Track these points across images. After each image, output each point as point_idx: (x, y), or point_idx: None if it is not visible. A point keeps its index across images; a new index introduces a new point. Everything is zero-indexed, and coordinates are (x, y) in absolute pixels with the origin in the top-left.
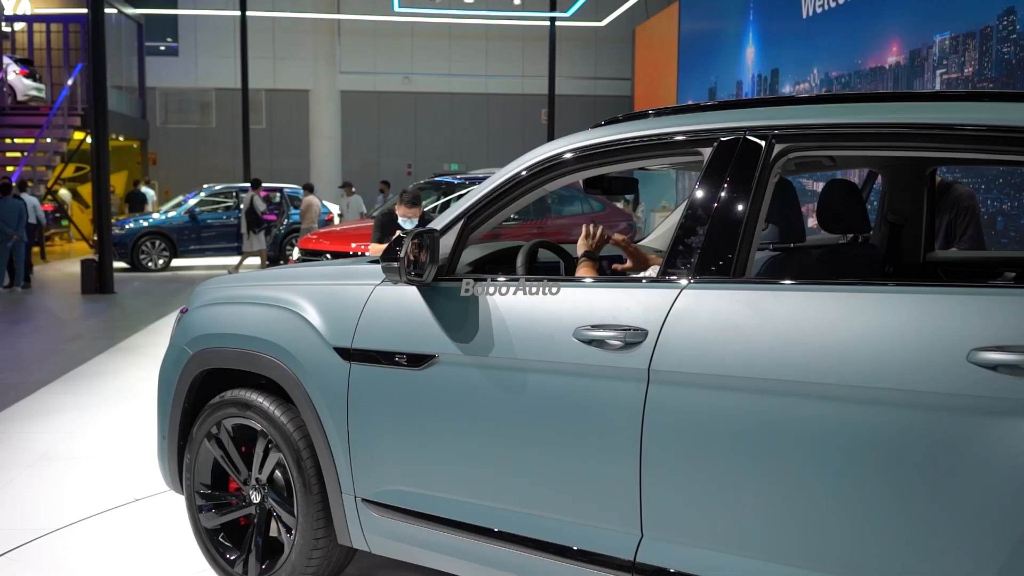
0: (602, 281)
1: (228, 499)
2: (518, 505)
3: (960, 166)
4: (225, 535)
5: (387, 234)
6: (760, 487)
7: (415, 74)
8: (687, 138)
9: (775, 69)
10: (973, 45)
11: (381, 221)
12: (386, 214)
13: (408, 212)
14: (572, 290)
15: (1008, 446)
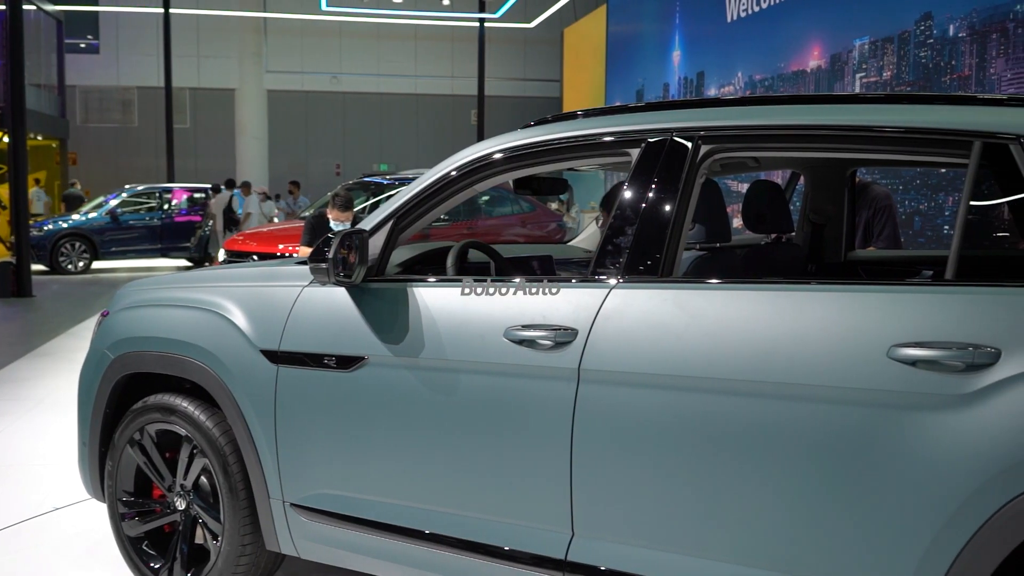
0: (533, 281)
1: (152, 506)
2: (449, 506)
3: (879, 167)
4: (149, 543)
5: (317, 237)
6: (689, 484)
7: (343, 74)
8: (615, 139)
9: (701, 72)
10: (891, 49)
11: (312, 224)
12: (317, 217)
13: (340, 216)
14: (503, 290)
15: (927, 439)
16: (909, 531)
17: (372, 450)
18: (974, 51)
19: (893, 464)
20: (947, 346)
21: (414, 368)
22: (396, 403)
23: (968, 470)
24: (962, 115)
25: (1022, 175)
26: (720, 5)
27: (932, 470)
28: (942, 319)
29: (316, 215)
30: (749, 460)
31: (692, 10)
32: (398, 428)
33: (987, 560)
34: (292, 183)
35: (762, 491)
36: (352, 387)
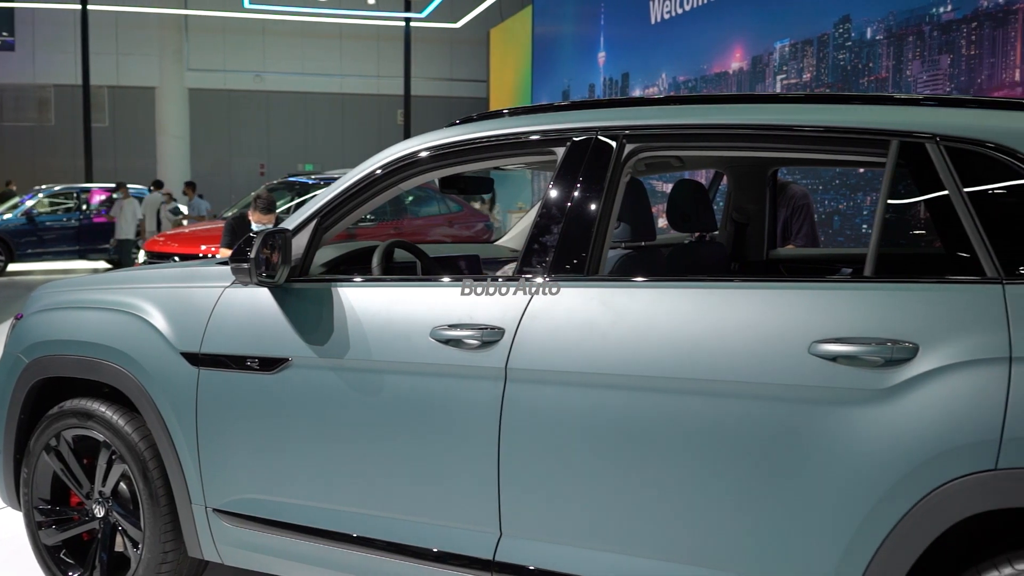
0: (459, 281)
1: (70, 514)
2: (376, 509)
3: (800, 167)
4: (68, 552)
5: (238, 238)
6: (616, 481)
7: (267, 72)
8: (541, 138)
9: (626, 73)
10: (811, 52)
11: (232, 225)
12: (237, 218)
13: (262, 218)
14: (429, 290)
15: (848, 434)
16: (831, 525)
17: (297, 453)
18: (891, 53)
19: (815, 459)
20: (866, 342)
21: (339, 369)
22: (321, 405)
23: (888, 464)
24: (880, 115)
25: (938, 174)
26: (644, 7)
27: (853, 464)
28: (861, 315)
29: (237, 216)
30: (674, 457)
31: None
32: (323, 430)
33: (907, 552)
34: (187, 184)
35: (687, 487)
36: (276, 389)
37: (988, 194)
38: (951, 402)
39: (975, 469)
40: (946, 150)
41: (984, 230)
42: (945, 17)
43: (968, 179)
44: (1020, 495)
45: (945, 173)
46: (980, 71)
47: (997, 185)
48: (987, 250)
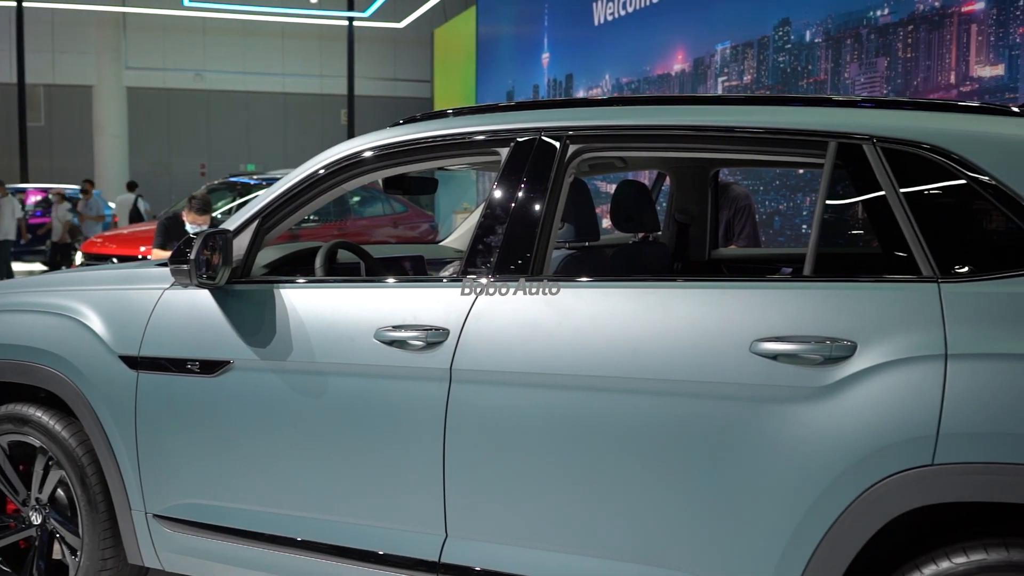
0: (403, 281)
1: (5, 521)
2: (321, 512)
3: (742, 167)
4: (4, 560)
5: (171, 239)
6: (562, 481)
7: (207, 71)
8: (485, 138)
9: (569, 74)
10: (751, 54)
11: (165, 225)
12: (171, 218)
13: (197, 219)
14: (373, 291)
15: (789, 431)
16: (773, 521)
17: (239, 457)
18: (829, 56)
19: (757, 457)
20: (806, 340)
21: (282, 372)
22: (263, 408)
23: (828, 460)
24: (818, 116)
25: (875, 174)
26: (587, 9)
27: (794, 461)
28: (801, 314)
29: (171, 216)
30: (619, 456)
31: (560, 13)
32: (266, 433)
33: (847, 548)
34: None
35: (632, 486)
36: (217, 392)
37: (923, 194)
38: (889, 399)
39: (913, 464)
40: (883, 151)
41: (920, 230)
42: (882, 20)
43: (904, 180)
44: (956, 489)
45: (882, 174)
46: (916, 74)
47: (932, 186)
48: (923, 249)
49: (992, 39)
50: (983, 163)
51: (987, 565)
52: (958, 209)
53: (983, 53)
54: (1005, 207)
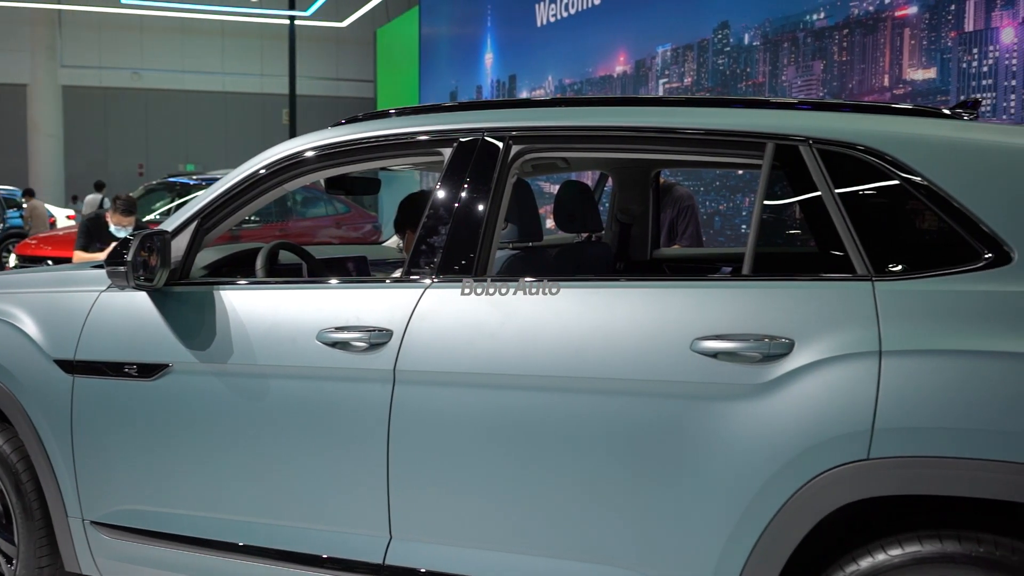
0: (346, 282)
1: None
2: (263, 516)
3: (683, 168)
4: None
5: (93, 240)
6: (506, 481)
7: (145, 70)
8: (427, 138)
9: (513, 75)
10: (692, 56)
11: (87, 227)
12: (93, 219)
13: (122, 221)
14: (315, 292)
15: (729, 428)
16: (715, 516)
17: (179, 462)
18: (767, 59)
19: (699, 454)
20: (745, 338)
21: (222, 374)
22: (203, 411)
23: (767, 456)
24: (756, 118)
25: (811, 175)
26: (530, 10)
27: (734, 457)
28: (740, 313)
29: (92, 217)
30: (563, 455)
31: (503, 14)
32: (206, 437)
33: (786, 541)
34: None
35: (576, 485)
36: (155, 396)
37: (858, 195)
38: (825, 395)
39: (849, 459)
40: (818, 152)
41: (854, 229)
42: (818, 24)
43: (839, 180)
44: (891, 483)
45: (817, 174)
46: (851, 77)
47: (866, 186)
48: (857, 249)
49: (924, 43)
50: (916, 164)
51: (921, 557)
52: (892, 209)
53: (916, 57)
54: (937, 207)
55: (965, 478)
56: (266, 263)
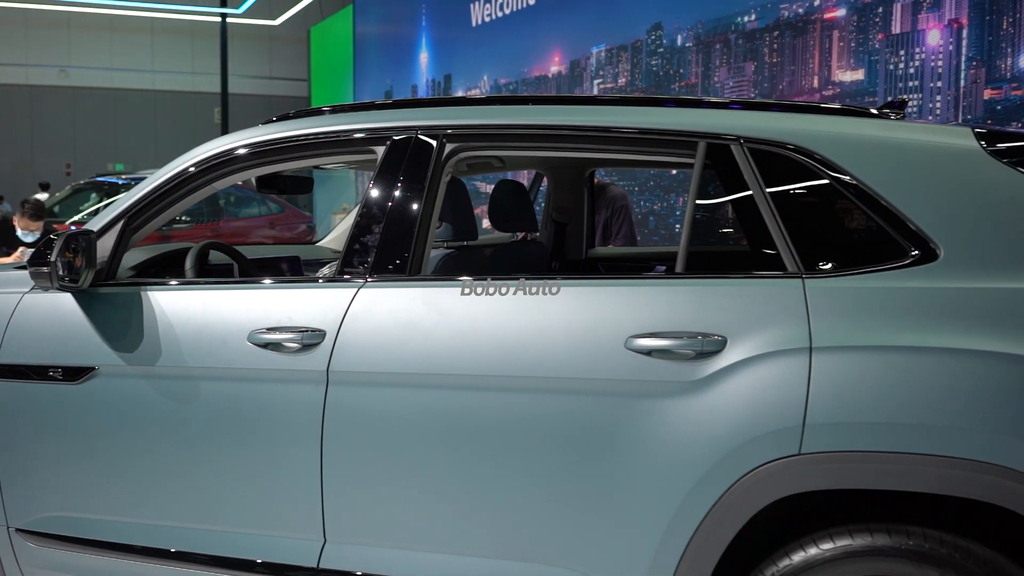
0: (278, 282)
1: None
2: (195, 522)
3: (618, 168)
4: None
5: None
6: (441, 482)
7: (73, 67)
8: (361, 136)
9: (448, 74)
10: (626, 57)
11: None
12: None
13: (30, 225)
14: (246, 292)
15: (664, 425)
16: (650, 514)
17: (107, 467)
18: (700, 60)
19: (634, 451)
20: (678, 335)
21: (150, 377)
22: (132, 415)
23: (701, 453)
24: (688, 117)
25: (742, 174)
26: (465, 9)
27: (669, 454)
28: (674, 310)
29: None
30: (499, 455)
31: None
32: (135, 441)
33: (719, 538)
34: None
35: (512, 484)
36: (81, 400)
37: (788, 193)
38: (758, 391)
39: (781, 455)
40: (749, 151)
41: (785, 227)
42: (749, 26)
43: (770, 179)
44: (822, 478)
45: (749, 173)
46: (782, 78)
47: (796, 185)
48: (788, 247)
49: (853, 45)
50: (844, 163)
51: (852, 550)
52: (821, 207)
53: (844, 58)
54: (865, 205)
55: (894, 472)
56: (196, 263)
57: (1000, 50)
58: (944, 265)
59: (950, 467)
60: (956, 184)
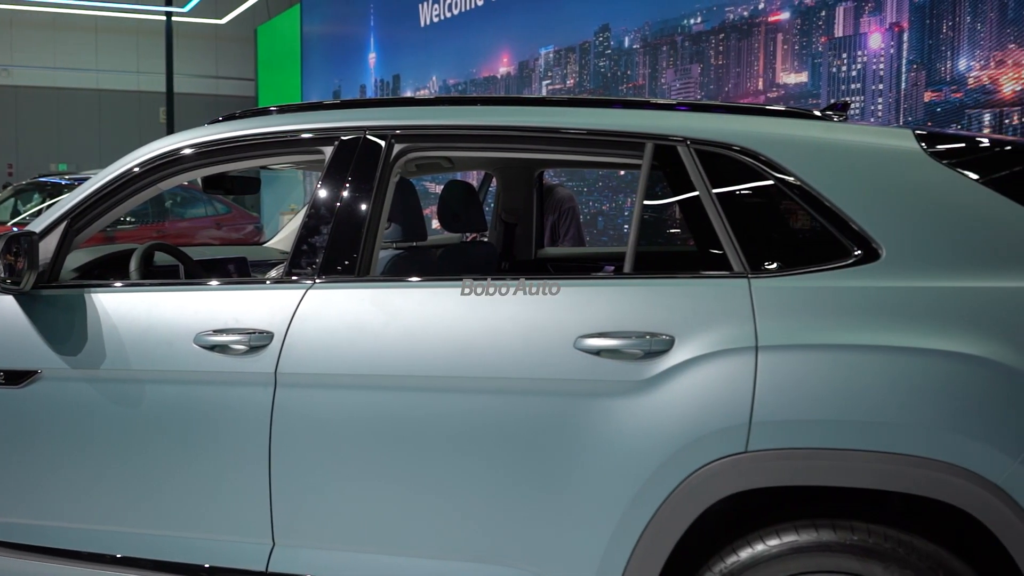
0: (225, 284)
1: None
2: (142, 527)
3: (565, 168)
4: None
5: None
6: (390, 483)
7: (15, 66)
8: (309, 136)
9: (397, 74)
10: (574, 58)
11: None
12: None
13: None
14: (192, 294)
15: (613, 425)
16: (599, 513)
17: (51, 472)
18: (647, 62)
19: (583, 451)
20: (627, 335)
21: (95, 380)
22: (76, 419)
23: (649, 451)
24: (636, 119)
25: (689, 175)
26: (413, 9)
27: (618, 454)
28: (622, 310)
29: None
30: (448, 455)
31: (386, 13)
32: (80, 446)
33: (667, 536)
34: None
35: (462, 485)
36: (24, 404)
37: (734, 194)
38: (705, 390)
39: (727, 453)
40: (696, 152)
41: (731, 228)
42: (695, 28)
43: (715, 180)
44: (768, 475)
45: (695, 174)
46: (727, 80)
47: (742, 186)
48: (734, 247)
49: (796, 48)
50: (789, 164)
51: (799, 546)
52: (766, 208)
53: (788, 61)
54: (809, 206)
55: (838, 468)
56: (140, 265)
57: (940, 53)
58: (886, 264)
59: (891, 463)
60: (897, 185)
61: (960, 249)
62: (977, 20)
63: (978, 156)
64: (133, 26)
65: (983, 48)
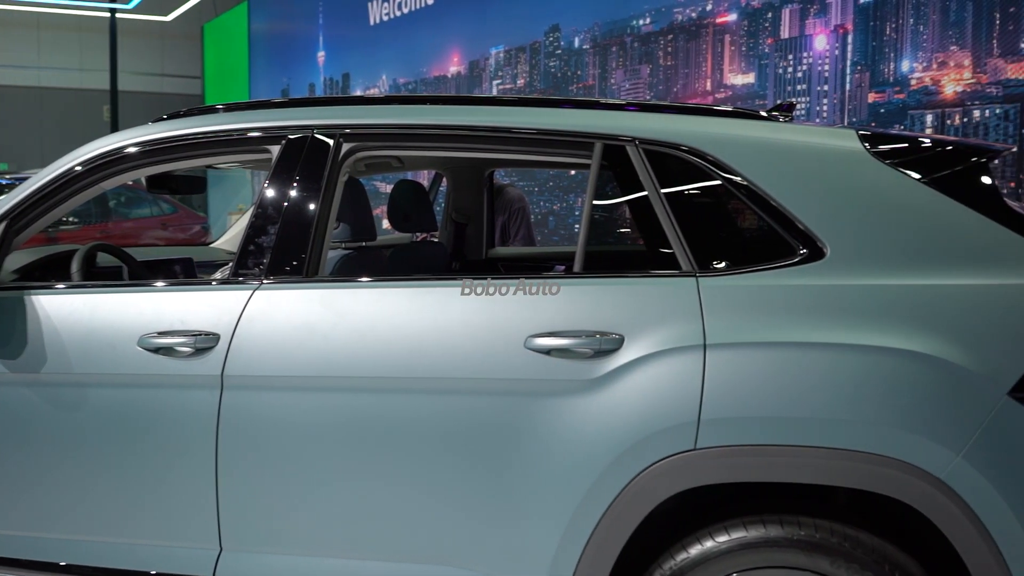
0: (170, 285)
1: None
2: (86, 534)
3: (515, 167)
4: None
5: None
6: (340, 486)
7: None
8: (255, 135)
9: (346, 73)
10: (524, 58)
11: None
12: None
13: None
14: (136, 295)
15: (564, 424)
16: (550, 512)
17: None
18: (597, 62)
19: (534, 450)
20: (577, 334)
21: (35, 384)
22: (15, 424)
23: (599, 450)
24: (585, 118)
25: (637, 174)
26: (363, 8)
27: (568, 453)
28: (572, 309)
29: None
30: (399, 457)
31: (335, 11)
32: (19, 451)
33: (618, 534)
34: None
35: (413, 486)
36: None
37: (682, 194)
38: (654, 388)
39: (677, 450)
40: (644, 152)
41: (679, 227)
42: (644, 29)
43: (664, 179)
44: (716, 472)
45: (644, 174)
46: (676, 80)
47: (690, 185)
48: (682, 246)
49: (744, 49)
50: (736, 164)
51: (747, 542)
52: (713, 207)
53: (736, 62)
54: (756, 205)
55: (784, 465)
56: (83, 266)
57: (884, 55)
58: (831, 263)
59: (838, 459)
60: (841, 185)
61: (903, 248)
62: (920, 22)
63: (920, 156)
64: (76, 23)
65: (925, 50)
